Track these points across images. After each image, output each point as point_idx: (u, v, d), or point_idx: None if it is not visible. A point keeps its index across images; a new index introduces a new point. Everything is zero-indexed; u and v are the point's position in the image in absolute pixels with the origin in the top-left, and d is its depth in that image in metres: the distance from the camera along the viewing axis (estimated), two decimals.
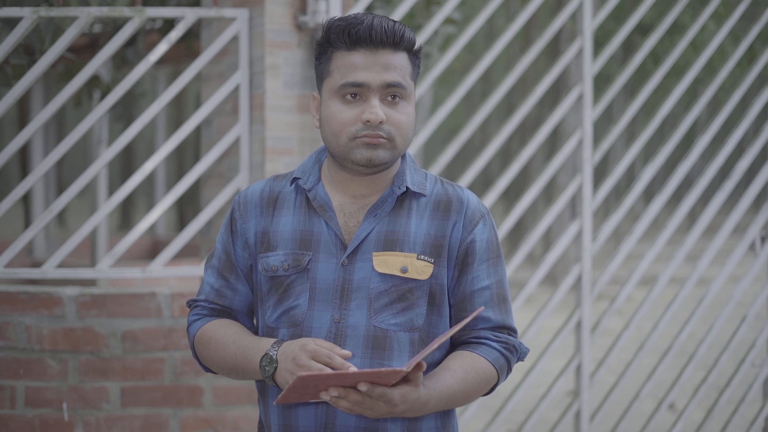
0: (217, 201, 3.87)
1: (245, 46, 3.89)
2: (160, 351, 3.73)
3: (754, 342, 5.08)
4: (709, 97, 4.99)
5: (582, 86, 4.49)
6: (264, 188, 2.33)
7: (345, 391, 1.97)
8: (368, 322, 2.19)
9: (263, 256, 2.26)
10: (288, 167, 3.88)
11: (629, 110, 4.68)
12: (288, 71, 3.87)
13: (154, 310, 3.72)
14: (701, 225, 4.94)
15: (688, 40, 4.86)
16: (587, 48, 4.48)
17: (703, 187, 4.95)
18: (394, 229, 2.23)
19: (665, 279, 4.78)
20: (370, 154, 2.16)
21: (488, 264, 2.28)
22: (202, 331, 2.32)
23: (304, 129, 3.92)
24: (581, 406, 4.53)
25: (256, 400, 3.83)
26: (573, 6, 4.44)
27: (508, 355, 2.28)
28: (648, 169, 4.77)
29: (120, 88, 3.80)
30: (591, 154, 4.53)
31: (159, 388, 3.73)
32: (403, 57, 2.19)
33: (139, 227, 3.81)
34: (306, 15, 3.86)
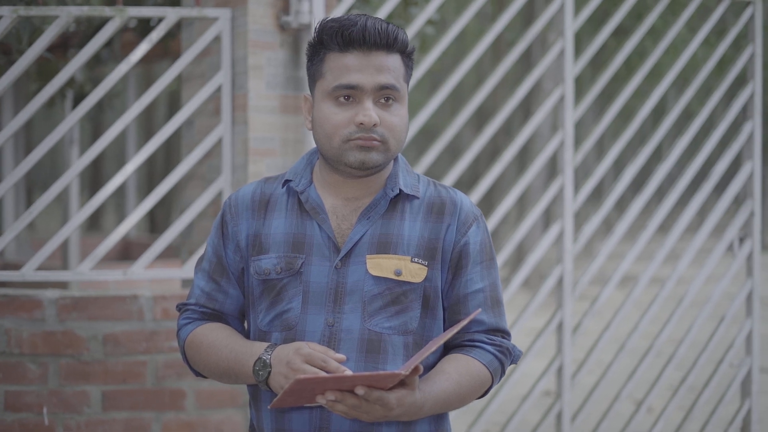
0: (199, 202, 3.84)
1: (227, 46, 3.86)
2: (141, 354, 3.69)
3: (732, 342, 5.11)
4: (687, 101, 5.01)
5: (563, 87, 4.49)
6: (255, 190, 2.30)
7: (342, 395, 1.95)
8: (362, 325, 2.17)
9: (255, 259, 2.24)
10: (271, 168, 3.85)
11: (609, 113, 4.69)
12: (271, 71, 3.84)
13: (136, 312, 3.68)
14: (680, 226, 4.96)
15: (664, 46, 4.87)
16: (568, 49, 4.49)
17: (683, 189, 4.97)
18: (388, 231, 2.21)
19: (645, 280, 4.79)
20: (364, 157, 2.14)
21: (482, 267, 2.27)
22: (193, 335, 2.29)
23: (287, 130, 3.89)
24: (563, 407, 4.53)
25: (238, 403, 3.80)
26: (555, 7, 4.44)
27: (501, 358, 2.27)
28: (628, 171, 4.78)
29: (100, 88, 3.75)
30: (572, 155, 4.53)
31: (141, 392, 3.70)
32: (396, 59, 2.18)
33: (120, 229, 3.77)
34: (289, 15, 3.84)
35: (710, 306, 5.02)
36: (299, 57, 3.90)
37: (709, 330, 7.71)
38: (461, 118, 4.32)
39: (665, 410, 4.86)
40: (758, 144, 5.11)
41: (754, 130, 5.11)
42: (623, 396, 4.74)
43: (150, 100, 3.81)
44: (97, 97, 3.75)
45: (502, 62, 4.42)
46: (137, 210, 3.80)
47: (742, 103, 5.09)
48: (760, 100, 5.10)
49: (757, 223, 5.12)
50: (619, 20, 4.64)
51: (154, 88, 3.80)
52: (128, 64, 3.80)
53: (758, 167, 5.13)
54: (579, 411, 4.61)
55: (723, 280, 5.06)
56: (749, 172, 5.13)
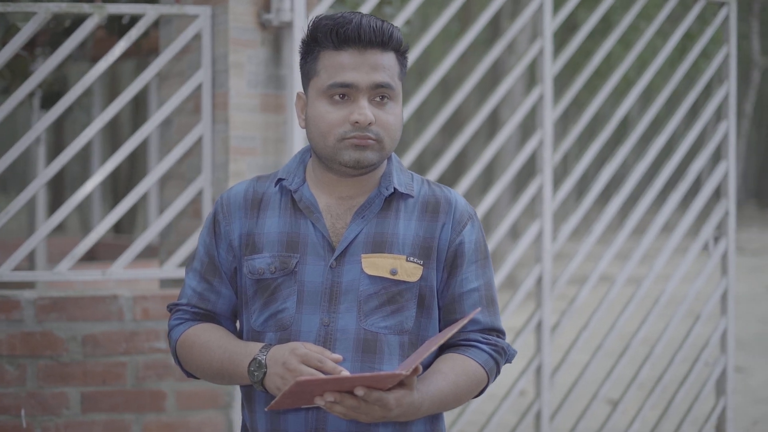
0: (178, 202, 3.80)
1: (208, 44, 3.83)
2: (121, 355, 3.65)
3: (707, 341, 5.14)
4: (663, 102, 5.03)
5: (542, 87, 4.49)
6: (248, 189, 2.28)
7: (341, 396, 1.93)
8: (358, 325, 2.15)
9: (248, 259, 2.21)
10: (251, 168, 3.82)
11: (587, 112, 4.70)
12: (252, 70, 3.82)
13: (116, 313, 3.63)
14: (656, 226, 4.98)
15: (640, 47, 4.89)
16: (547, 49, 4.49)
17: (659, 189, 4.99)
18: (383, 230, 2.19)
19: (622, 280, 4.81)
20: (359, 156, 2.12)
21: (477, 266, 2.26)
22: (185, 336, 2.26)
23: (268, 128, 3.86)
24: (541, 406, 4.54)
25: (219, 404, 3.77)
26: (534, 6, 4.44)
27: (497, 357, 2.27)
28: (606, 171, 4.79)
29: (78, 87, 3.70)
30: (551, 154, 4.54)
31: (120, 393, 3.65)
32: (391, 57, 2.16)
33: (98, 229, 3.72)
34: (270, 13, 3.81)
35: (686, 305, 5.05)
36: (280, 55, 3.88)
37: (685, 329, 7.76)
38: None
39: (641, 409, 4.88)
40: (733, 144, 5.15)
41: (728, 130, 5.15)
42: (600, 395, 4.75)
43: (129, 99, 3.76)
44: (74, 95, 3.70)
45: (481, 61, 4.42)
46: (114, 210, 3.75)
47: (717, 103, 5.13)
48: (734, 100, 5.14)
49: (732, 222, 5.16)
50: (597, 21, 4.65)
51: (133, 87, 3.75)
52: (107, 62, 3.75)
53: (733, 167, 5.17)
54: (557, 410, 4.62)
55: (698, 279, 5.09)
56: (724, 171, 5.17)
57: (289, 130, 3.82)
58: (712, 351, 5.20)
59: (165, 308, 3.67)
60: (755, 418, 7.11)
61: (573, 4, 4.62)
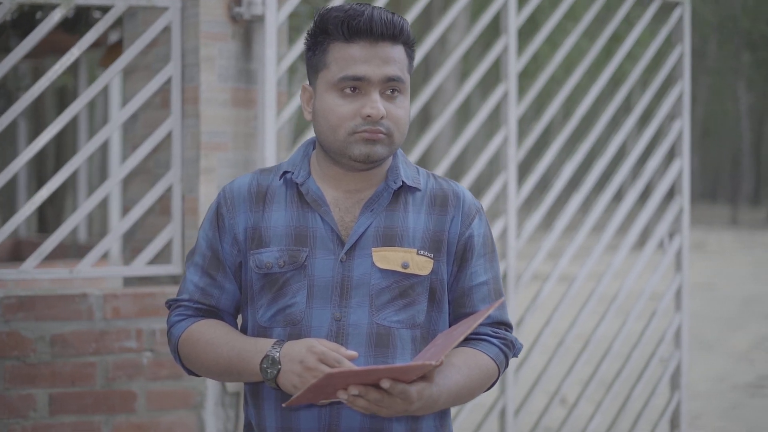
0: (147, 198, 3.72)
1: (177, 37, 3.75)
2: (91, 355, 3.56)
3: (662, 336, 5.21)
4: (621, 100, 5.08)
5: (507, 84, 4.50)
6: (251, 182, 2.23)
7: (365, 389, 1.89)
8: (370, 319, 2.12)
9: (255, 253, 2.17)
10: (222, 163, 3.76)
11: (549, 109, 4.73)
12: (222, 64, 3.75)
13: (86, 312, 3.54)
14: (614, 223, 5.03)
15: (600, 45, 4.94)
16: (512, 45, 4.50)
17: (617, 186, 5.04)
18: (393, 224, 2.17)
19: (582, 276, 4.84)
20: (369, 150, 2.10)
21: (485, 259, 2.25)
22: (188, 332, 2.20)
23: (239, 123, 3.80)
24: (506, 402, 4.55)
25: (190, 404, 3.70)
26: (499, 3, 4.45)
27: (506, 350, 2.26)
28: (567, 168, 4.82)
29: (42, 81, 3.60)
30: (515, 151, 4.55)
31: (90, 394, 3.56)
32: (400, 50, 2.14)
33: (63, 228, 3.62)
34: (241, 6, 3.75)
35: (642, 301, 5.10)
36: (251, 49, 3.82)
37: (642, 325, 7.88)
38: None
39: (602, 403, 4.92)
40: (687, 142, 5.22)
41: (683, 128, 5.22)
42: (562, 392, 4.78)
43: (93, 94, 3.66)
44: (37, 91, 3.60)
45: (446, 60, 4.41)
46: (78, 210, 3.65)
47: (672, 101, 5.20)
48: (689, 99, 5.22)
49: (686, 219, 5.23)
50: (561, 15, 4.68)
51: (99, 82, 3.65)
52: (72, 56, 3.66)
53: (687, 165, 5.24)
54: (521, 407, 4.64)
55: (654, 275, 5.15)
56: (678, 169, 5.24)
57: (260, 125, 3.76)
58: (667, 346, 5.26)
59: (135, 306, 3.59)
60: (696, 412, 7.24)
61: (536, 3, 4.63)
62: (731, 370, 9.17)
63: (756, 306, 13.52)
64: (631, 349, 5.11)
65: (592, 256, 4.92)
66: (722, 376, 8.85)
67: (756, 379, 8.79)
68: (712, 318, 12.00)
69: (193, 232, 3.74)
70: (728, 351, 10.12)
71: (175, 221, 3.76)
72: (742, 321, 12.11)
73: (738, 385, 8.52)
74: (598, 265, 6.94)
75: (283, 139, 3.94)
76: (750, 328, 11.59)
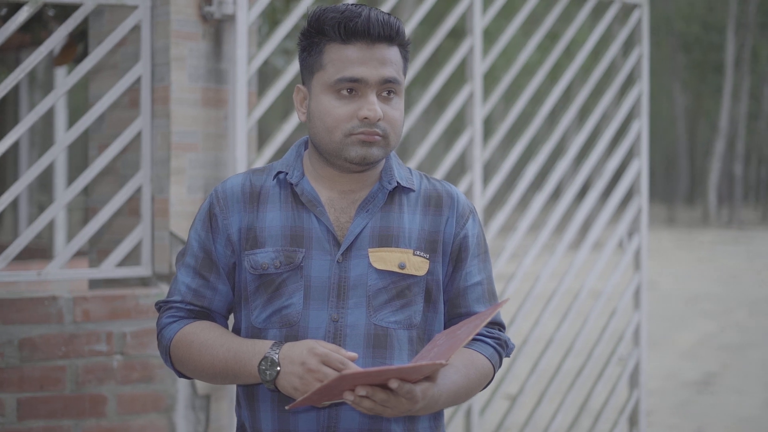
0: (117, 199, 3.67)
1: (147, 36, 3.70)
2: (60, 359, 3.49)
3: (622, 335, 5.26)
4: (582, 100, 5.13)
5: (472, 84, 4.52)
6: (244, 182, 2.21)
7: (372, 390, 1.88)
8: (368, 320, 2.12)
9: (250, 254, 2.15)
10: (193, 164, 3.72)
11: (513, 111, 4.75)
12: (193, 63, 3.71)
13: (55, 315, 3.48)
14: (576, 223, 5.07)
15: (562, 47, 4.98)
16: (477, 46, 4.52)
17: (578, 186, 5.09)
18: (388, 224, 2.16)
19: (546, 275, 4.88)
20: (365, 152, 2.09)
21: (479, 260, 2.26)
22: (181, 334, 2.17)
23: (209, 124, 3.77)
24: (472, 402, 4.56)
25: (161, 407, 3.65)
26: (464, 5, 4.46)
27: (500, 350, 2.27)
28: (530, 168, 4.85)
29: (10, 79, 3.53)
30: (481, 152, 4.57)
31: (59, 399, 3.50)
32: (396, 51, 2.14)
33: (33, 228, 3.55)
34: (211, 5, 3.72)
35: (603, 300, 5.15)
36: (221, 49, 3.78)
37: (602, 324, 7.96)
38: None
39: (563, 402, 4.96)
40: (645, 142, 5.28)
41: (641, 129, 5.28)
42: (527, 389, 4.81)
43: (63, 92, 3.60)
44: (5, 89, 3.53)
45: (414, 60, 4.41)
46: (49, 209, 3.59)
47: (631, 103, 5.26)
48: (647, 100, 5.28)
49: (645, 219, 5.29)
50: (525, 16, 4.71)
51: (69, 80, 3.59)
52: (39, 54, 3.59)
53: (645, 165, 5.31)
54: (487, 405, 4.66)
55: (613, 274, 5.21)
56: (637, 169, 5.30)
57: (231, 126, 3.73)
58: (626, 345, 5.32)
59: (106, 309, 3.54)
60: (648, 409, 7.33)
61: (501, 3, 4.66)
62: (679, 367, 9.31)
63: (699, 304, 13.74)
64: (591, 348, 5.16)
65: (556, 255, 4.95)
66: (670, 373, 8.98)
67: (703, 376, 8.94)
68: (657, 316, 12.16)
69: (164, 233, 3.70)
70: (675, 349, 10.28)
71: (144, 222, 3.72)
72: (687, 319, 12.31)
73: (686, 382, 8.66)
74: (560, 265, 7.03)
75: (253, 140, 3.90)
76: (695, 326, 11.78)
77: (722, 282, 16.46)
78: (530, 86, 4.80)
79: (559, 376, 4.97)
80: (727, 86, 35.21)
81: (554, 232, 19.06)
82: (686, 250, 23.32)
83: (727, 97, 35.21)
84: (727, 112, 35.32)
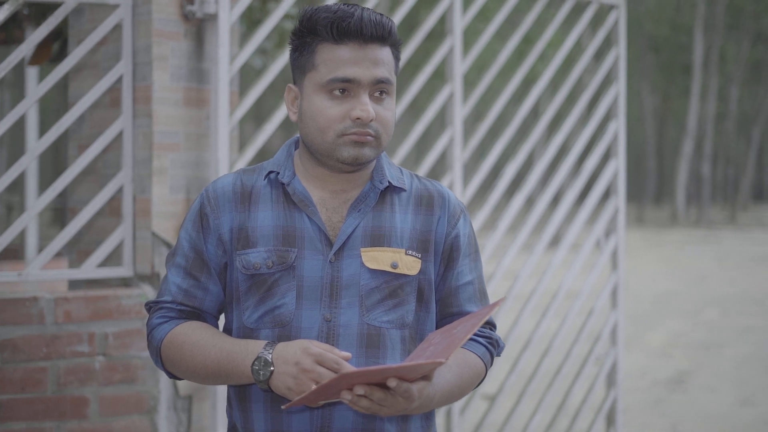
0: (98, 199, 3.64)
1: (129, 35, 3.68)
2: (42, 360, 3.47)
3: (599, 334, 5.29)
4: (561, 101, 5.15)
5: (452, 85, 4.53)
6: (235, 182, 2.21)
7: (370, 389, 1.89)
8: (361, 320, 2.12)
9: (241, 254, 2.14)
10: (175, 164, 3.71)
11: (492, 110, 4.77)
12: (175, 63, 3.70)
13: (36, 316, 3.45)
14: (554, 222, 5.10)
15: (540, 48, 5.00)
16: (457, 47, 4.53)
17: (557, 186, 5.11)
18: (380, 224, 2.17)
19: (525, 274, 4.90)
20: (357, 153, 2.09)
21: (470, 259, 2.27)
22: (172, 335, 2.16)
23: (191, 123, 3.75)
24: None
25: (143, 408, 3.63)
26: (444, 5, 4.47)
27: (491, 349, 2.28)
28: (509, 168, 4.87)
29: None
30: (461, 152, 4.58)
31: (40, 400, 3.47)
32: (388, 52, 2.14)
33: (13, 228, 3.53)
34: (193, 5, 3.70)
35: (581, 300, 5.18)
36: (203, 48, 3.77)
37: (580, 323, 8.01)
38: None
39: (542, 401, 4.98)
40: (623, 143, 5.32)
41: (618, 130, 5.31)
42: (506, 388, 4.83)
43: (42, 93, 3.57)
44: None
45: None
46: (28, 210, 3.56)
47: (608, 103, 5.29)
48: (624, 101, 5.31)
49: (622, 219, 5.33)
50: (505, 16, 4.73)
51: (49, 80, 3.56)
52: (19, 53, 3.56)
53: (622, 165, 5.34)
54: (467, 405, 4.67)
55: (591, 274, 5.24)
56: (614, 170, 5.33)
57: (213, 126, 3.72)
58: (603, 344, 5.35)
59: (88, 310, 3.52)
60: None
61: (481, 3, 4.67)
62: (650, 366, 9.38)
63: (668, 303, 13.85)
64: (569, 347, 5.18)
65: (535, 254, 4.97)
66: (642, 371, 9.04)
67: (675, 374, 9.01)
68: (628, 316, 12.24)
69: (145, 233, 3.68)
70: (646, 347, 10.35)
71: (126, 223, 3.70)
72: (658, 318, 12.39)
73: (659, 380, 8.72)
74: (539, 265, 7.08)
75: (235, 140, 3.89)
76: (665, 325, 11.87)
77: (692, 281, 16.59)
78: (508, 88, 4.81)
79: (538, 376, 4.99)
80: (695, 87, 35.49)
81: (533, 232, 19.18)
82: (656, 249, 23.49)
83: (695, 98, 35.49)
84: (695, 112, 35.60)
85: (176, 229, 3.70)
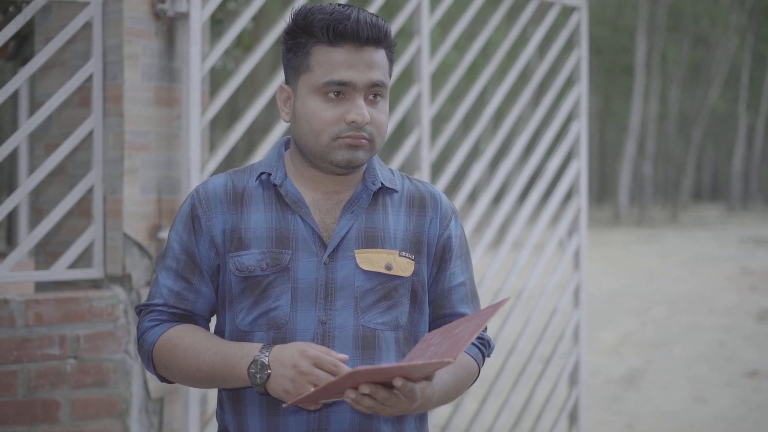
0: (68, 199, 3.59)
1: (99, 33, 3.63)
2: (12, 364, 3.41)
3: (562, 333, 5.33)
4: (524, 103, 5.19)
5: (420, 85, 4.54)
6: (226, 183, 2.18)
7: (375, 388, 1.88)
8: (356, 321, 2.11)
9: (235, 256, 2.12)
10: (146, 164, 3.66)
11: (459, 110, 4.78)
12: (146, 62, 3.65)
13: (6, 318, 3.39)
14: (519, 223, 5.12)
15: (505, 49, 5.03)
16: (425, 47, 4.54)
17: (521, 187, 5.14)
18: (373, 225, 2.16)
19: (492, 273, 4.92)
20: (351, 156, 2.08)
21: (461, 260, 2.27)
22: (165, 338, 2.14)
23: (162, 123, 3.71)
24: None
25: (115, 412, 3.59)
26: (412, 5, 4.48)
27: (483, 350, 2.29)
28: (475, 168, 4.89)
29: None
30: (428, 151, 4.58)
31: (10, 404, 3.41)
32: (383, 54, 2.13)
33: None
34: (164, 3, 3.66)
35: (544, 300, 5.22)
36: (174, 47, 3.73)
37: (543, 322, 8.06)
38: None
39: (508, 400, 5.00)
40: (584, 143, 5.37)
41: (580, 131, 5.36)
42: (471, 390, 4.85)
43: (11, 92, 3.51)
44: None
45: None
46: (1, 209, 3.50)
47: (570, 104, 5.33)
48: (586, 102, 5.36)
49: (584, 218, 5.37)
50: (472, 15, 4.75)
51: (17, 79, 3.51)
52: None
53: (584, 165, 5.39)
54: None
55: (554, 274, 5.28)
56: (576, 170, 5.38)
57: (184, 125, 3.68)
58: (566, 343, 5.39)
59: (59, 312, 3.46)
60: None
61: (449, 3, 4.68)
62: (603, 364, 9.47)
63: (617, 302, 13.99)
64: (533, 347, 5.22)
65: (500, 254, 5.00)
66: (597, 370, 9.13)
67: (629, 372, 9.11)
68: None
69: (116, 234, 3.63)
70: (599, 346, 10.44)
71: (96, 223, 3.65)
72: (607, 317, 12.52)
73: (613, 378, 8.81)
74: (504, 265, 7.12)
75: (206, 140, 3.86)
76: (616, 324, 11.99)
77: (638, 280, 16.78)
78: (474, 88, 4.83)
79: (503, 377, 5.01)
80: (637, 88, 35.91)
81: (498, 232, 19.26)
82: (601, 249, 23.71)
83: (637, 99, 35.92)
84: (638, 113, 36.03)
85: (148, 229, 3.66)
